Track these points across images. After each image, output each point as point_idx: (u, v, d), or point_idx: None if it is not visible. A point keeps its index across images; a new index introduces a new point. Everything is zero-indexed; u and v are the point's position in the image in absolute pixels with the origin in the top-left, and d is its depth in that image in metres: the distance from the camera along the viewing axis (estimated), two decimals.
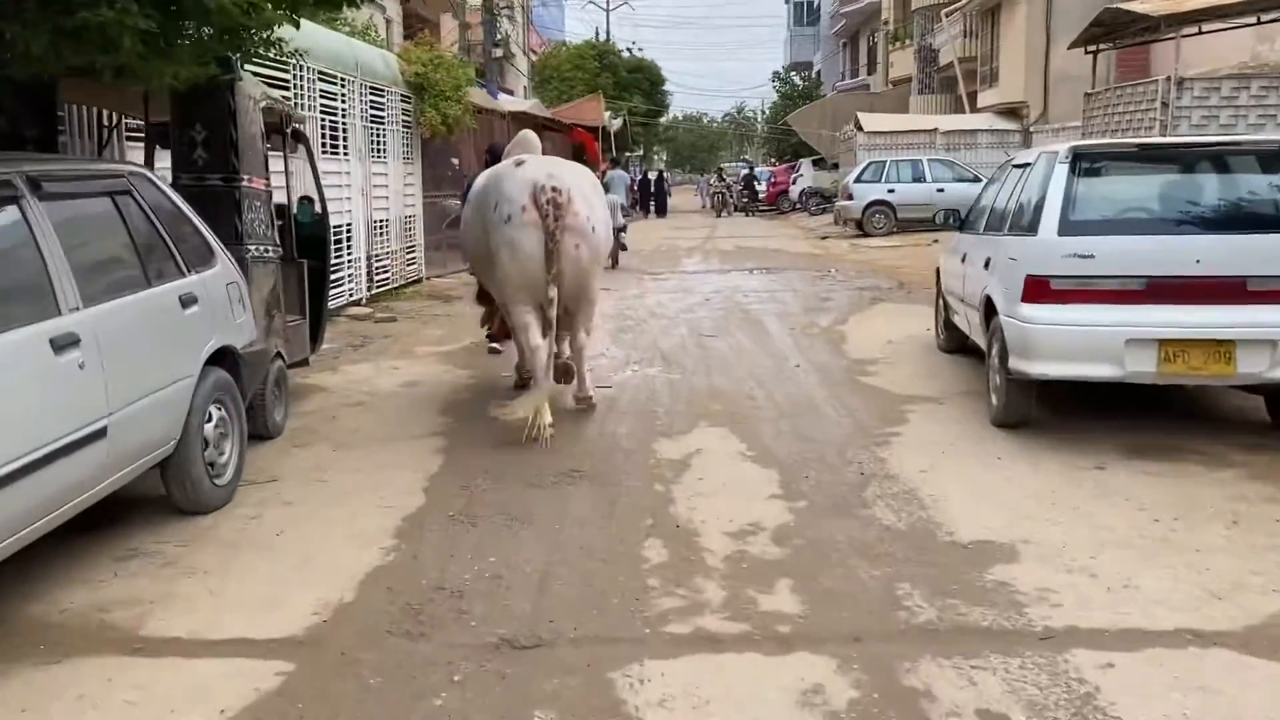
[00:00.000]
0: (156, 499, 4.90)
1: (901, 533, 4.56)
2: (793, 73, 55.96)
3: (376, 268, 13.21)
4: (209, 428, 4.87)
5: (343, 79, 12.02)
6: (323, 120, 11.37)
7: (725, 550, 4.39)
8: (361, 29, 16.76)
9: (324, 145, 11.41)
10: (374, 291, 13.06)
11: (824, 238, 24.16)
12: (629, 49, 49.75)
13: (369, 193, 12.85)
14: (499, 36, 27.17)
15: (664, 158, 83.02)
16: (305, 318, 7.09)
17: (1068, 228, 5.73)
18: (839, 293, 13.62)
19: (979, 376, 7.62)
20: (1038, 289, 5.76)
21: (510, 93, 39.15)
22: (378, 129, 13.24)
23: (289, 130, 7.11)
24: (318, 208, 7.72)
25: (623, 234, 19.79)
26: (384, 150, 13.45)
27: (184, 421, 4.60)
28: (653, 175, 45.25)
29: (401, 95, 14.18)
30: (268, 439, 6.25)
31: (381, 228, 13.39)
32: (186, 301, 4.70)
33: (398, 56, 14.70)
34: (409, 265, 14.63)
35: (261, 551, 4.48)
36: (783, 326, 10.72)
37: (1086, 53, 15.33)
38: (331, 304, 11.53)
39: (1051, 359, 5.71)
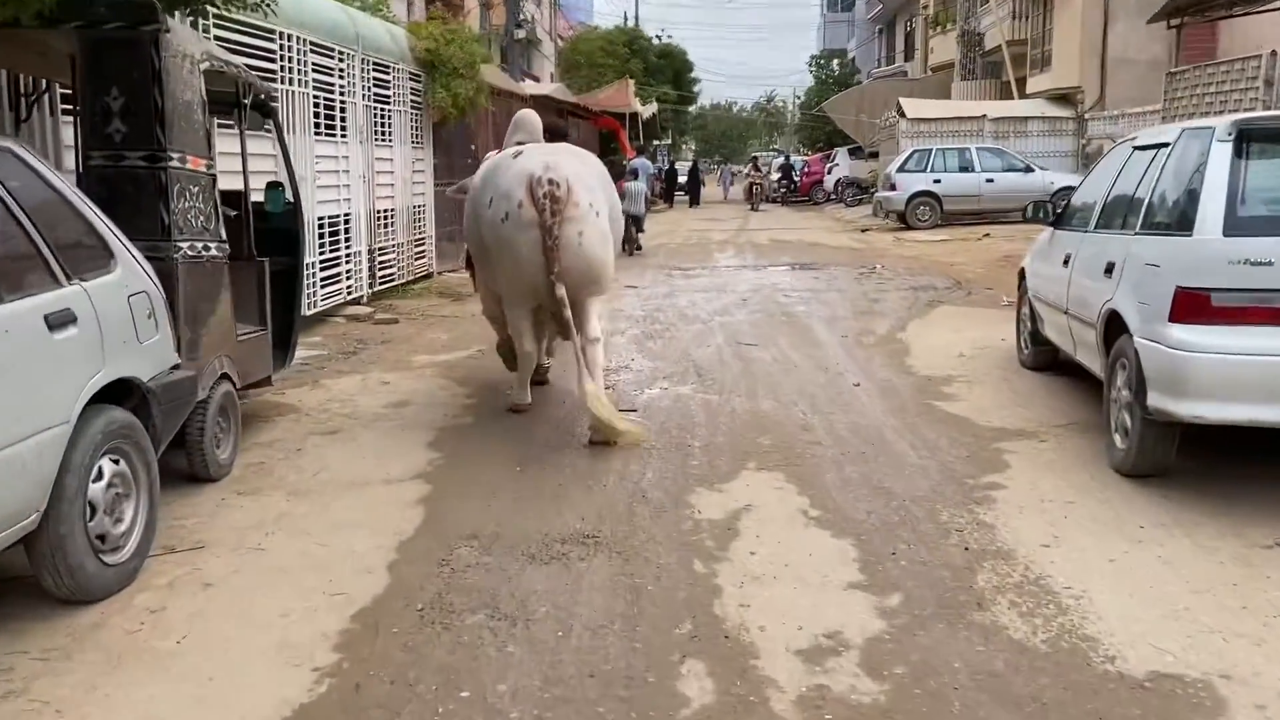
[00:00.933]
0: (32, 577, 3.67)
1: (1042, 656, 3.24)
2: (832, 60, 54.34)
3: (380, 262, 11.99)
4: (97, 488, 3.63)
5: (341, 53, 10.78)
6: (317, 98, 10.14)
7: (796, 684, 3.09)
8: (373, 3, 15.52)
9: (319, 126, 10.19)
10: (377, 288, 11.84)
11: (864, 230, 22.75)
12: (658, 35, 48.37)
13: (371, 180, 11.62)
14: (522, 17, 25.86)
15: (692, 147, 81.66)
16: (267, 328, 5.84)
17: (1235, 225, 4.38)
18: (890, 293, 12.27)
19: (1082, 404, 6.29)
20: (1193, 305, 4.41)
21: (535, 79, 38.02)
22: (382, 110, 12.00)
23: (249, 101, 5.86)
24: (290, 195, 6.48)
25: (638, 229, 18.70)
26: (389, 133, 12.22)
27: (51, 486, 3.36)
28: (683, 165, 44.16)
29: (410, 73, 12.94)
30: (210, 481, 5.03)
31: (386, 218, 12.16)
32: (57, 322, 3.45)
33: (407, 31, 13.44)
34: (418, 260, 13.40)
35: (150, 671, 3.23)
36: (832, 333, 9.39)
37: (1170, 27, 13.85)
38: (328, 304, 10.36)
39: (1212, 397, 4.37)
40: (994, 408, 6.45)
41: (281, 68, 9.35)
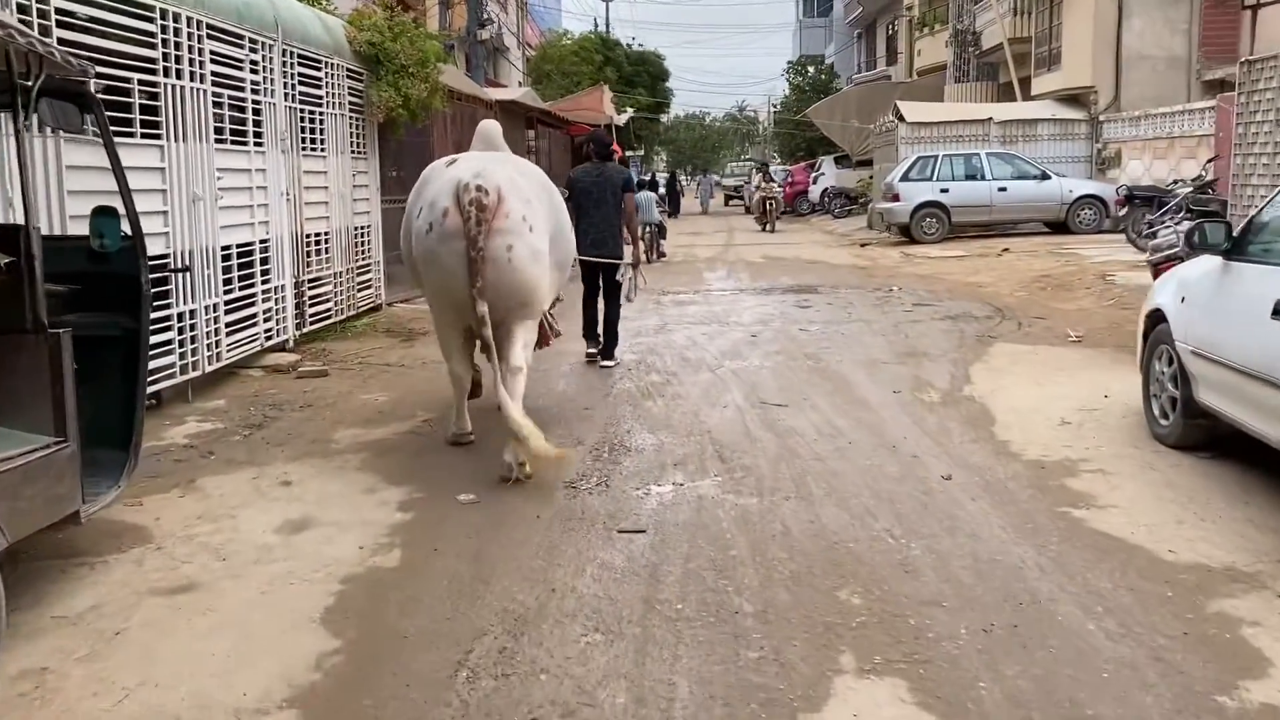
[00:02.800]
0: None
1: None
2: (808, 66, 52.59)
3: (312, 297, 9.86)
4: None
5: (255, 41, 8.65)
6: (220, 96, 8.02)
7: None
8: None
9: (223, 132, 8.07)
10: (308, 328, 9.72)
11: (864, 245, 20.80)
12: (630, 42, 46.40)
13: (298, 198, 9.50)
14: (486, 16, 23.77)
15: (664, 158, 79.82)
16: (68, 439, 3.71)
17: None
18: (924, 323, 10.28)
19: None
20: None
21: (503, 85, 35.91)
22: (312, 113, 9.89)
23: (35, 85, 3.73)
24: (129, 225, 4.37)
25: (662, 237, 19.21)
26: (321, 141, 10.11)
27: None
28: (663, 176, 42.43)
29: (349, 70, 10.84)
30: None
31: (318, 243, 10.03)
32: None
33: (346, 22, 11.34)
34: (361, 290, 11.27)
35: None
36: (879, 386, 7.38)
37: (1245, 7, 11.98)
38: (238, 354, 8.23)
39: None
40: (1164, 522, 4.43)
41: (166, 56, 7.22)
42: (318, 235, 9.98)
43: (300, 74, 9.58)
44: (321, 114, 10.09)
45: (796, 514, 4.68)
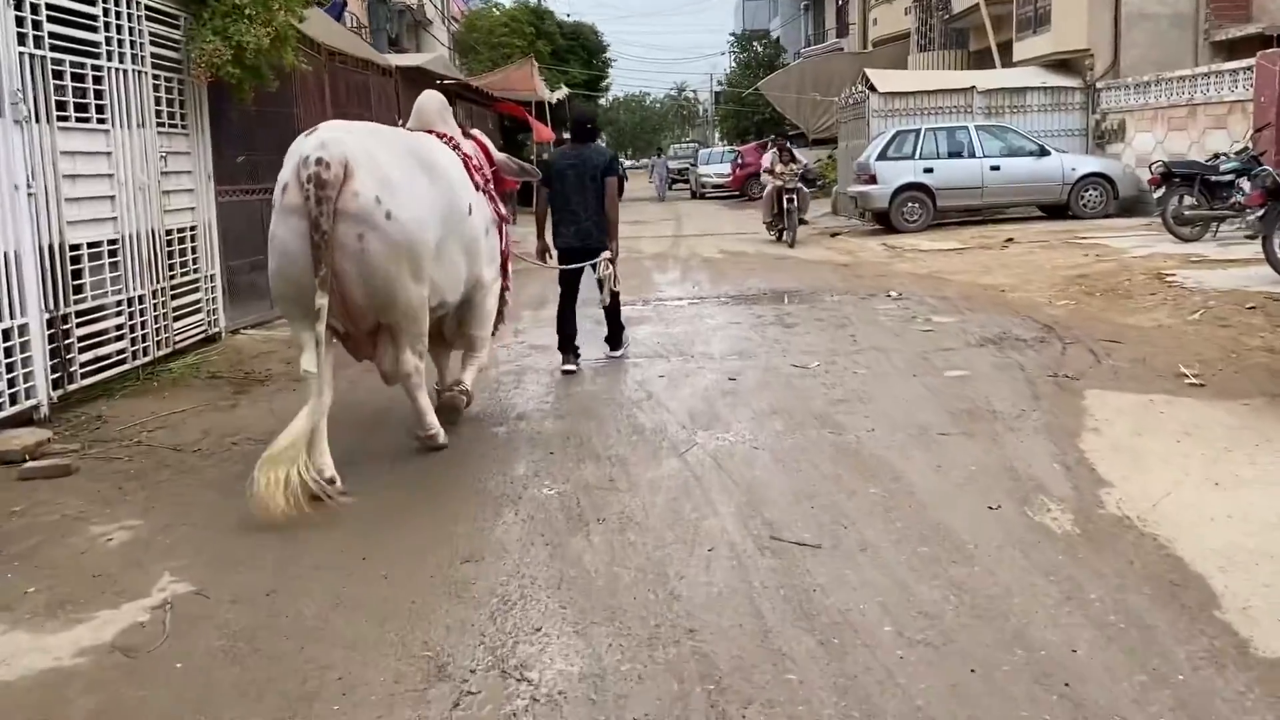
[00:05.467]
0: None
1: None
2: (753, 41, 49.62)
3: (85, 337, 6.71)
4: None
5: None
6: None
7: None
8: None
9: None
10: (81, 383, 6.59)
11: (835, 234, 17.96)
12: (567, 15, 43.08)
13: (53, 190, 6.34)
14: None
15: (604, 139, 76.89)
16: None
17: None
18: (962, 354, 7.44)
19: None
20: None
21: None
22: (80, 66, 6.73)
23: None
24: None
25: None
26: (101, 108, 6.95)
27: None
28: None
29: (151, 9, 7.69)
30: None
31: (94, 257, 6.88)
32: None
33: None
34: (184, 317, 8.14)
35: None
36: (959, 491, 4.48)
37: None
38: None
39: None
40: None
41: None
42: (92, 245, 6.81)
43: (56, 13, 6.42)
44: (99, 69, 6.93)
45: None
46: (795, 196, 16.33)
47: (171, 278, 7.90)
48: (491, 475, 5.00)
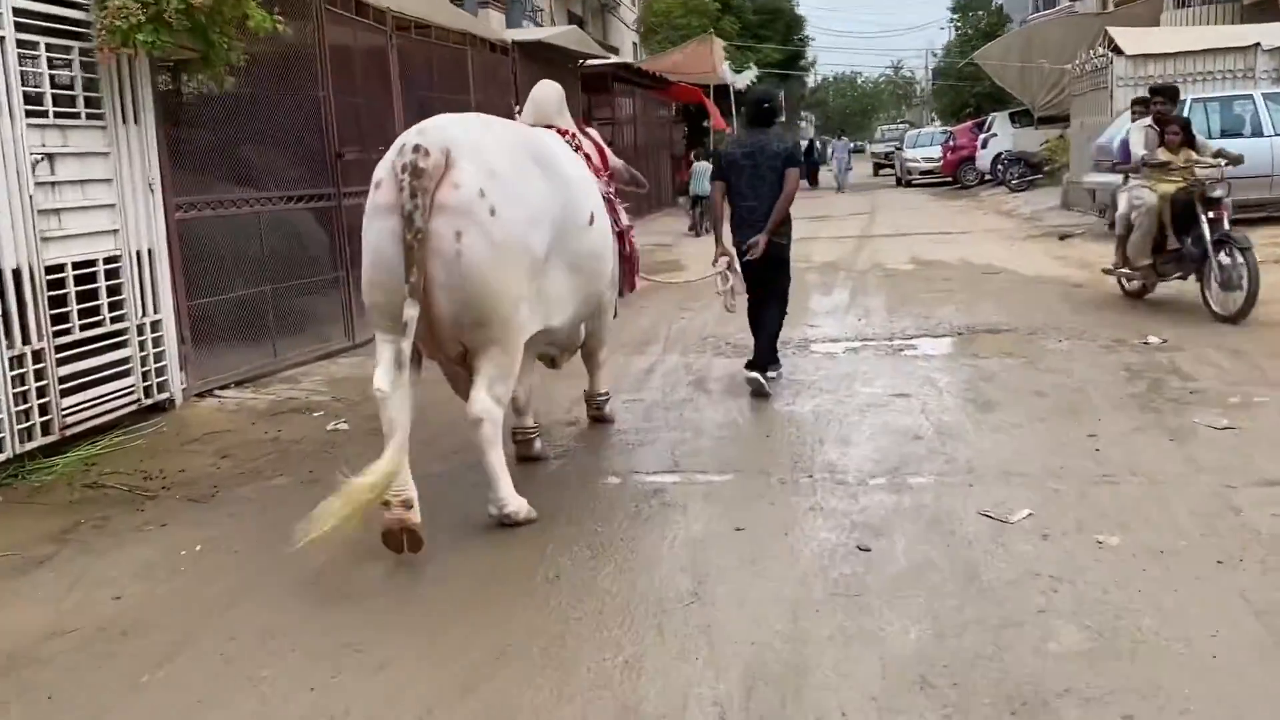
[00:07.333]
0: None
1: None
2: (976, 9, 44.67)
3: None
4: None
5: None
6: None
7: None
8: None
9: None
10: None
11: (1064, 238, 14.13)
12: None
13: None
14: None
15: (812, 122, 73.09)
16: None
17: None
18: None
19: None
20: None
21: (614, 50, 30.20)
22: None
23: None
24: None
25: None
26: None
27: None
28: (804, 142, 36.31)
29: None
30: None
31: None
32: None
33: None
34: (95, 384, 5.75)
35: None
36: None
37: None
38: None
39: None
40: None
41: None
42: None
43: None
44: None
45: None
46: (1216, 210, 7.78)
47: (65, 332, 5.52)
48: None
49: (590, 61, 15.86)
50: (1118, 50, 15.74)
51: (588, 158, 5.18)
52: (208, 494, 4.92)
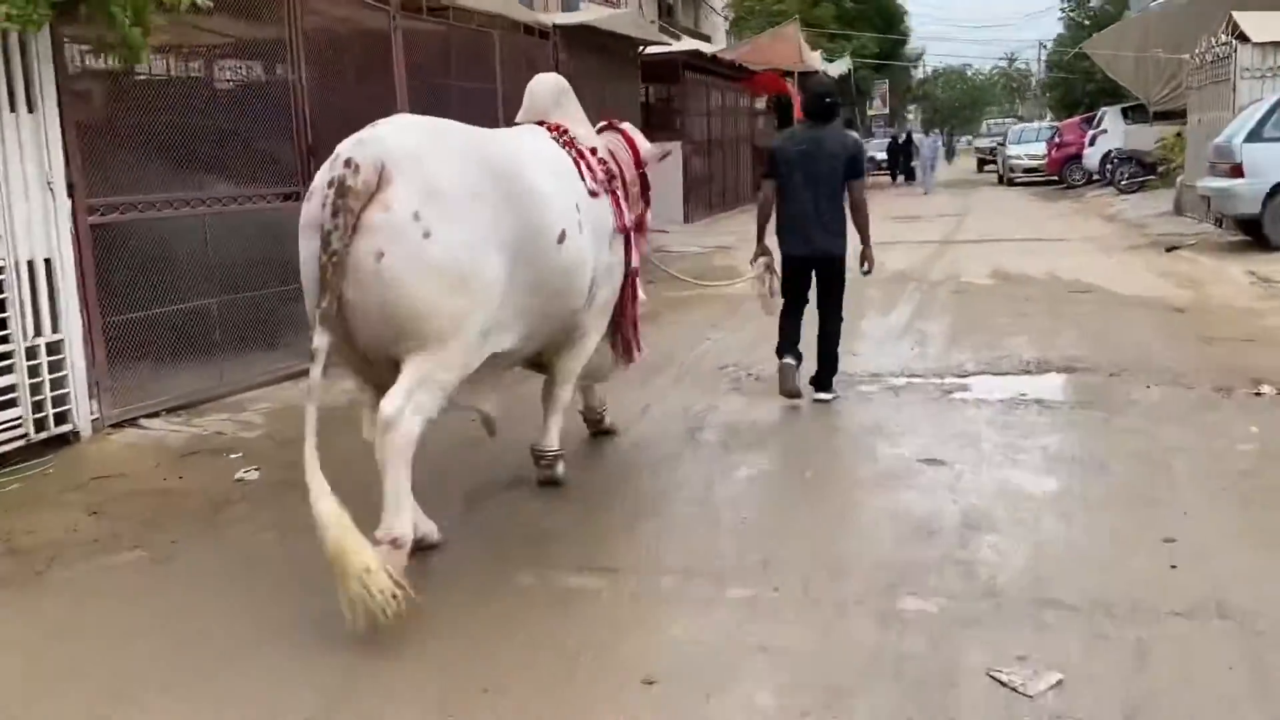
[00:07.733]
0: None
1: None
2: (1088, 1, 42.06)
3: None
4: None
5: None
6: None
7: None
8: None
9: None
10: None
11: (1171, 249, 12.47)
12: None
13: None
14: None
15: (917, 116, 70.71)
16: None
17: None
18: None
19: None
20: None
21: (705, 38, 29.06)
22: None
23: None
24: None
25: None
26: None
27: None
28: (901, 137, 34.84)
29: None
30: None
31: None
32: None
33: None
34: None
35: None
36: None
37: None
38: None
39: None
40: None
41: None
42: None
43: None
44: None
45: None
46: None
47: None
48: None
49: (651, 49, 14.68)
50: (1243, 37, 13.92)
51: (582, 156, 4.65)
52: (31, 571, 3.99)
